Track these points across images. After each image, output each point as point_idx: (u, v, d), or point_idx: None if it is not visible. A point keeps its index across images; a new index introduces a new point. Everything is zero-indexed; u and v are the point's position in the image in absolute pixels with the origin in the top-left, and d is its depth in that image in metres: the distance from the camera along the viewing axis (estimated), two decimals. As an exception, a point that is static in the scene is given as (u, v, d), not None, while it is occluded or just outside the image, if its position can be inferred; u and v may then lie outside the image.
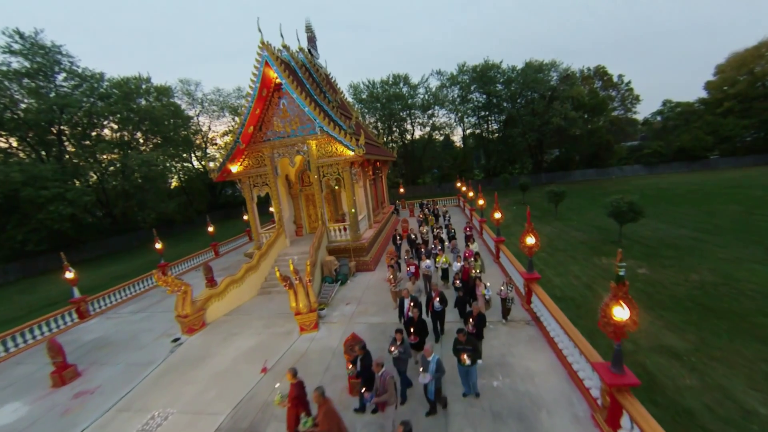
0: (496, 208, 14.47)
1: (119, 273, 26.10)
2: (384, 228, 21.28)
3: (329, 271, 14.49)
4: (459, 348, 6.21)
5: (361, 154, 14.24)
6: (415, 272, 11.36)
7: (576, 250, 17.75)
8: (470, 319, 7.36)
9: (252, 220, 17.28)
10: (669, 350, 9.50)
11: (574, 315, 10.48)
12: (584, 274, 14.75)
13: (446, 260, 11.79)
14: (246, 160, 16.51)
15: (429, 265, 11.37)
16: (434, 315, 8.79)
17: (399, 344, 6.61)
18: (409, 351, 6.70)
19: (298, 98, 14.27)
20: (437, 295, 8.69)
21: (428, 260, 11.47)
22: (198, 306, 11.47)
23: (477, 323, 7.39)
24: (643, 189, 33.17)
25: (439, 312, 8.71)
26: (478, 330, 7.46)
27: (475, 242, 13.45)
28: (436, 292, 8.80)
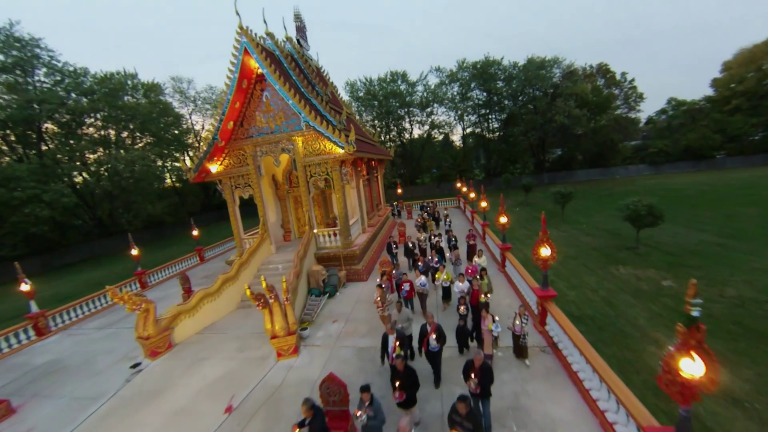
0: (502, 211, 13.08)
1: (99, 279, 24.63)
2: (379, 232, 19.85)
3: (316, 282, 13.04)
4: (456, 421, 4.47)
5: (351, 151, 12.80)
6: (410, 291, 9.79)
7: (589, 258, 16.28)
8: (471, 374, 5.46)
9: (234, 225, 15.83)
10: (724, 393, 7.76)
11: (597, 339, 9.08)
12: (601, 286, 13.29)
13: (448, 277, 10.17)
14: (226, 159, 15.06)
15: (424, 283, 9.69)
16: (429, 356, 6.92)
17: (367, 406, 4.89)
18: (381, 416, 4.97)
19: (281, 90, 12.83)
20: (433, 329, 6.73)
21: (423, 277, 9.79)
22: (163, 325, 10.02)
23: (482, 379, 5.43)
24: (651, 189, 31.80)
25: (436, 353, 6.81)
26: (484, 389, 5.50)
27: (483, 255, 11.49)
28: (432, 325, 6.83)
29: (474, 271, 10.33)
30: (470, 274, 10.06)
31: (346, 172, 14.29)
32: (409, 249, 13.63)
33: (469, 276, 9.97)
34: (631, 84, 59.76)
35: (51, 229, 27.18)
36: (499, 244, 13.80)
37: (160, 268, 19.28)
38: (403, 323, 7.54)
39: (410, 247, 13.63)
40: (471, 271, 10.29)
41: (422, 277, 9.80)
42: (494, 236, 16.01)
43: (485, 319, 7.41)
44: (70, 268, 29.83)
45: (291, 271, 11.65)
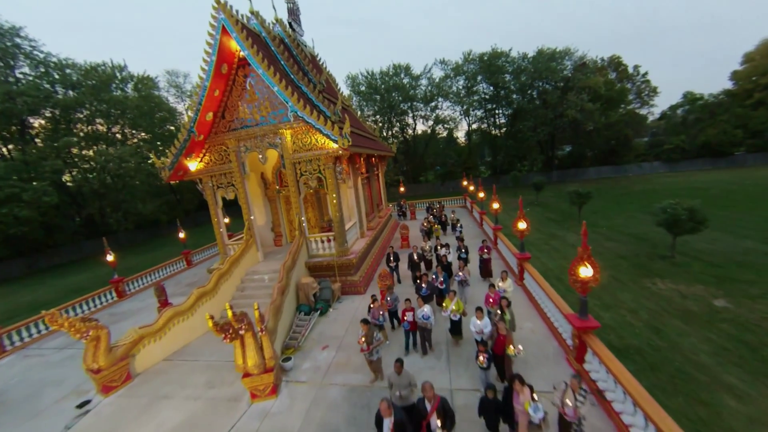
0: (521, 215, 11.27)
1: (82, 283, 23.20)
2: (380, 236, 18.11)
3: (306, 297, 11.37)
4: None
5: (345, 146, 11.04)
6: (413, 323, 7.73)
7: (618, 269, 14.31)
8: None
9: (216, 229, 14.16)
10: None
11: (652, 385, 7.29)
12: (640, 306, 11.36)
13: (459, 307, 7.86)
14: (207, 155, 13.37)
15: (427, 315, 7.52)
16: None
17: None
18: None
19: (265, 74, 11.06)
20: (434, 407, 4.68)
21: (426, 307, 7.56)
22: (119, 354, 8.38)
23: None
24: (672, 189, 29.69)
25: None
26: None
27: (509, 278, 9.10)
28: (432, 401, 4.76)
29: (496, 300, 8.01)
30: (491, 304, 8.07)
31: (341, 169, 12.53)
32: (414, 262, 11.75)
33: (490, 306, 7.99)
34: (644, 78, 57.20)
35: (35, 230, 25.74)
36: (516, 252, 12.03)
37: (141, 274, 17.69)
38: (402, 390, 5.41)
39: (415, 260, 11.74)
40: (493, 300, 8.07)
41: (425, 308, 7.61)
42: (508, 242, 14.22)
43: (519, 393, 5.03)
44: (55, 270, 28.46)
45: (275, 287, 9.97)
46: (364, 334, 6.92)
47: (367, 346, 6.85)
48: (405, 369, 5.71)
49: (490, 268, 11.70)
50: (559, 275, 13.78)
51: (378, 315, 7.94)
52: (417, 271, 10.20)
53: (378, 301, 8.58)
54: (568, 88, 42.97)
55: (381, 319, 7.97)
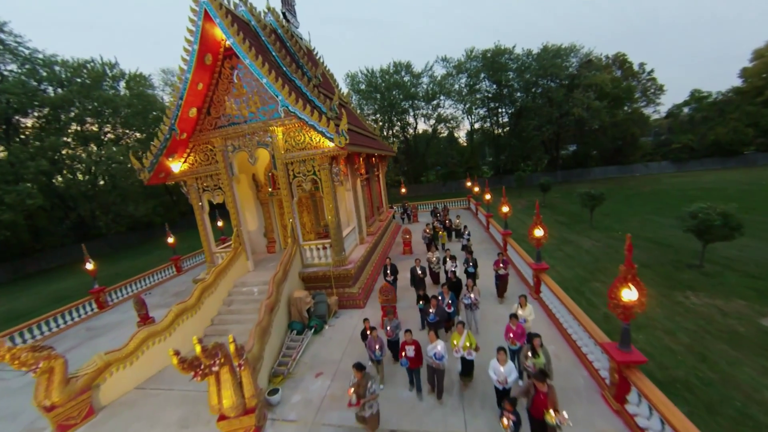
0: (537, 222, 10.09)
1: (68, 290, 22.08)
2: (380, 241, 16.96)
3: (298, 313, 10.21)
4: None
5: (342, 144, 9.90)
6: (415, 358, 6.12)
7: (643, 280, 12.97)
8: None
9: (203, 236, 13.02)
10: None
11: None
12: (676, 325, 10.09)
13: (472, 343, 6.23)
14: (192, 155, 12.23)
15: (441, 356, 5.88)
16: None
17: None
18: None
19: (251, 64, 9.91)
20: None
21: (440, 345, 5.94)
22: (79, 386, 7.23)
23: None
24: (684, 189, 28.50)
25: None
26: None
27: (529, 304, 7.40)
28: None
29: (518, 334, 6.45)
30: (511, 339, 6.47)
31: (338, 170, 11.38)
32: (418, 278, 10.23)
33: (510, 341, 6.46)
34: (650, 75, 56.00)
35: (20, 234, 24.60)
36: (531, 262, 10.87)
37: (126, 282, 16.54)
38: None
39: (418, 275, 10.22)
40: (514, 334, 6.46)
41: (439, 345, 5.97)
42: (519, 249, 13.07)
43: None
44: (43, 275, 27.33)
45: (262, 304, 8.82)
46: (355, 382, 5.41)
47: (357, 400, 5.31)
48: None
49: (506, 286, 10.29)
50: (577, 287, 12.61)
51: (375, 348, 6.54)
52: (420, 288, 8.98)
53: (375, 328, 7.14)
54: (574, 86, 41.78)
55: (379, 354, 6.55)
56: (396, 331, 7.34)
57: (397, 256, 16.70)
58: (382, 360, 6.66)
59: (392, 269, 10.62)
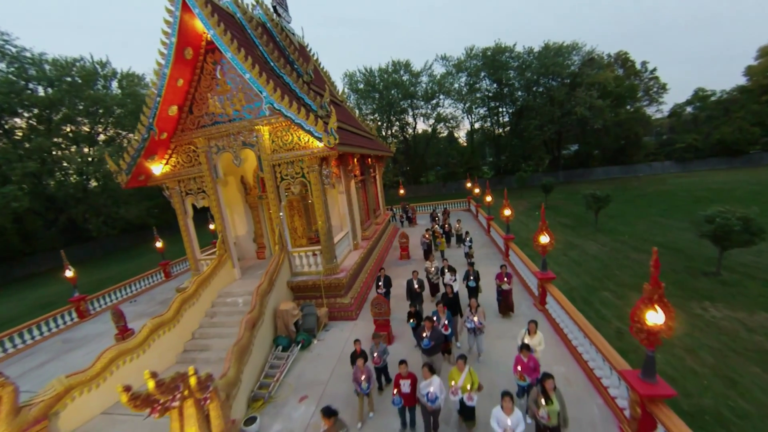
0: (543, 228, 9.34)
1: (52, 297, 21.35)
2: (377, 245, 16.21)
3: (285, 327, 9.46)
4: None
5: (331, 144, 9.15)
6: (410, 396, 5.24)
7: None
8: None
9: (186, 242, 12.27)
10: None
11: None
12: (697, 342, 9.23)
13: (474, 383, 5.12)
14: (174, 157, 11.49)
15: (434, 398, 4.92)
16: None
17: None
18: None
19: (233, 58, 9.18)
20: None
21: (435, 381, 4.99)
22: (32, 416, 6.45)
23: None
24: (690, 190, 27.70)
25: None
26: None
27: (538, 332, 6.32)
28: None
29: (530, 368, 5.42)
30: (523, 374, 5.41)
31: (329, 172, 10.63)
32: (414, 292, 9.14)
33: (522, 379, 5.43)
34: (653, 74, 55.25)
35: (8, 237, 23.87)
36: (536, 271, 10.11)
37: (110, 289, 15.76)
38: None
39: (415, 289, 9.12)
40: (524, 368, 5.43)
41: (433, 382, 4.98)
42: (522, 255, 12.29)
43: None
44: (31, 280, 26.62)
45: (242, 321, 8.06)
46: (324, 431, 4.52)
47: None
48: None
49: (511, 302, 9.27)
50: (585, 296, 11.81)
51: (360, 379, 5.70)
52: (416, 303, 8.17)
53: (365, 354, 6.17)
54: (576, 85, 40.98)
55: (365, 386, 5.71)
56: (384, 356, 6.55)
57: (393, 261, 15.95)
58: (369, 393, 5.80)
59: (385, 281, 9.77)
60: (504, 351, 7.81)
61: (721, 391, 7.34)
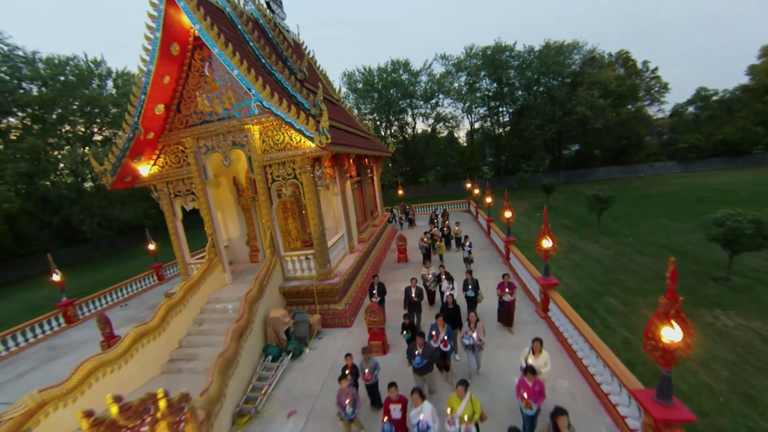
0: (545, 232, 8.89)
1: (44, 300, 20.96)
2: (374, 248, 15.80)
3: (276, 335, 9.04)
4: None
5: (323, 144, 8.73)
6: (401, 424, 4.77)
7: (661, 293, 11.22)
8: None
9: (176, 245, 11.85)
10: None
11: None
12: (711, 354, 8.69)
13: (476, 411, 4.54)
14: (161, 157, 11.07)
15: (426, 426, 4.40)
16: None
17: None
18: None
19: (220, 53, 8.77)
20: None
21: (426, 408, 4.45)
22: (1, 434, 6.05)
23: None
24: (694, 191, 27.24)
25: None
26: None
27: (544, 351, 5.72)
28: None
29: (535, 393, 4.86)
30: (528, 401, 4.81)
31: (322, 173, 10.20)
32: (412, 300, 8.56)
33: (528, 407, 4.81)
34: (654, 74, 54.83)
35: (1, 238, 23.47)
36: (538, 276, 9.67)
37: (99, 294, 15.35)
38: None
39: (413, 299, 8.51)
40: (530, 393, 4.83)
41: (423, 412, 4.43)
42: (523, 257, 11.89)
43: None
44: (25, 282, 26.24)
45: (229, 330, 7.65)
46: None
47: None
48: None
49: (513, 315, 8.58)
50: (589, 303, 11.35)
51: (344, 403, 5.16)
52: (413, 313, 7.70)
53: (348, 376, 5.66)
54: (577, 84, 40.54)
55: (350, 411, 5.14)
56: (375, 373, 6.11)
57: (391, 264, 15.53)
58: (354, 418, 5.26)
59: (379, 289, 9.28)
60: (504, 362, 7.39)
61: (739, 410, 6.83)
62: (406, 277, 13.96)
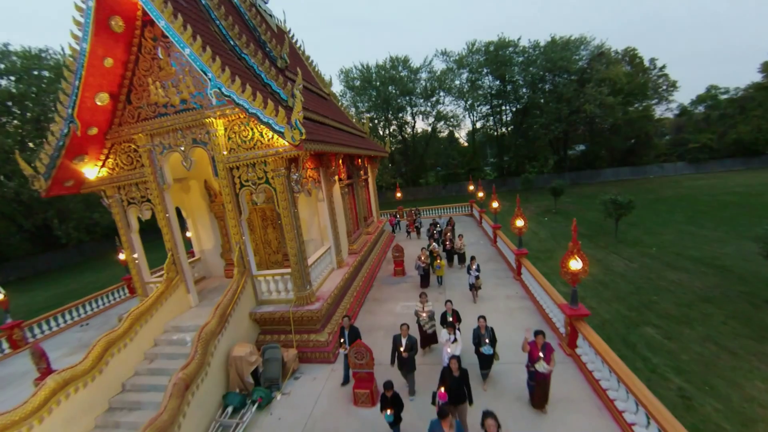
0: (575, 251, 7.12)
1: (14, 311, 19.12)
2: (367, 259, 14.05)
3: (240, 378, 7.28)
4: None
5: (296, 141, 6.97)
6: None
7: (711, 324, 9.42)
8: None
9: (130, 261, 10.10)
10: None
11: None
12: None
13: None
14: (111, 157, 9.30)
15: None
16: None
17: None
18: None
19: (167, 26, 7.02)
20: None
21: None
22: None
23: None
24: (713, 193, 25.40)
25: None
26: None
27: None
28: None
29: None
30: None
31: (300, 177, 8.42)
32: (402, 358, 6.39)
33: None
34: (662, 71, 53.12)
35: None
36: (563, 303, 7.93)
37: (55, 312, 13.51)
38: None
39: (402, 353, 6.31)
40: None
41: None
42: (537, 273, 10.15)
43: None
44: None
45: (170, 385, 5.88)
46: None
47: None
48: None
49: (548, 390, 5.81)
50: (624, 334, 9.47)
51: None
52: (403, 370, 5.82)
53: None
54: (585, 80, 38.72)
55: None
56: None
57: (386, 278, 13.74)
58: None
59: (350, 334, 6.98)
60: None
61: None
62: (403, 295, 12.14)
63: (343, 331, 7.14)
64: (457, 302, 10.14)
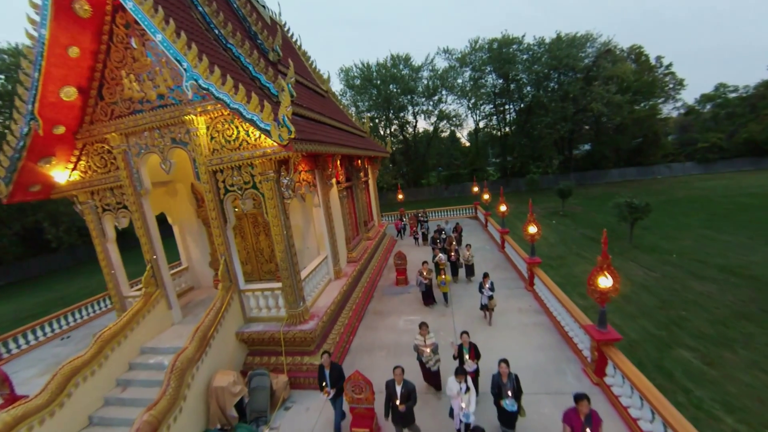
0: (605, 266, 6.19)
1: None
2: (367, 267, 13.12)
3: (219, 413, 6.35)
4: None
5: (284, 140, 6.04)
6: None
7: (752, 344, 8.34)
8: None
9: (107, 274, 9.18)
10: None
11: None
12: None
13: None
14: (83, 160, 8.40)
15: None
16: None
17: None
18: None
19: (135, 8, 6.09)
20: None
21: None
22: None
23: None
24: (728, 195, 24.39)
25: None
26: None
27: None
28: None
29: None
30: None
31: (291, 181, 7.49)
32: (397, 413, 5.12)
33: None
34: (668, 69, 52.10)
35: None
36: (588, 325, 6.99)
37: (33, 325, 12.58)
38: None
39: (397, 404, 5.05)
40: None
41: None
42: (554, 285, 9.24)
43: None
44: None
45: (133, 428, 4.95)
46: None
47: None
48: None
49: None
50: (656, 359, 8.37)
51: None
52: (399, 425, 4.80)
53: None
54: (592, 78, 37.69)
55: None
56: None
57: (387, 288, 12.78)
58: None
59: (332, 375, 5.81)
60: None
61: None
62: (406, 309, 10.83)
63: (323, 370, 5.83)
64: (466, 323, 9.17)
